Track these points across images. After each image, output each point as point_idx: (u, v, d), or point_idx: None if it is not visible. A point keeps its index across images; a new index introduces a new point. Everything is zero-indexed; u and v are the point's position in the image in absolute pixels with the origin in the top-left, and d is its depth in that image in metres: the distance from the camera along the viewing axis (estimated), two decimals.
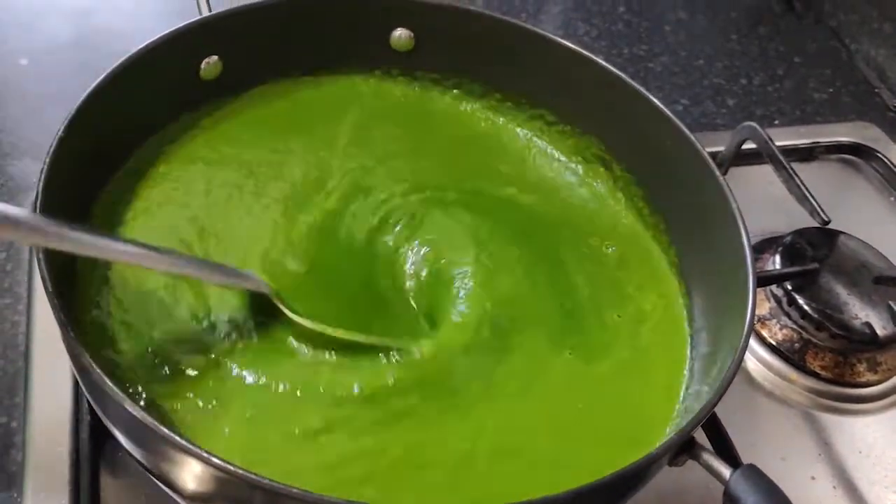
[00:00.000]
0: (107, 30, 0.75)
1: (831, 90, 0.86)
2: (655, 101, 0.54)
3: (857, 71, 0.89)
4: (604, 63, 0.56)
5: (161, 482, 0.41)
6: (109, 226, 0.49)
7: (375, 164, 0.56)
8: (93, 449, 0.49)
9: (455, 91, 0.61)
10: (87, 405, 0.50)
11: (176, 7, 0.76)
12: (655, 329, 0.52)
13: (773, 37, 0.91)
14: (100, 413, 0.42)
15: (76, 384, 0.51)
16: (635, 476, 0.39)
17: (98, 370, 0.35)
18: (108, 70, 0.47)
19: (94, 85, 0.46)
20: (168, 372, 0.43)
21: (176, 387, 0.42)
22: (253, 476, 0.34)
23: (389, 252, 0.52)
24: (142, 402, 0.42)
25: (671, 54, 0.86)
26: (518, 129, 0.61)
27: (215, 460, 0.34)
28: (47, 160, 0.43)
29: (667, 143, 0.54)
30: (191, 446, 0.35)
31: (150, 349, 0.44)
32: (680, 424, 0.44)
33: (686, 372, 0.50)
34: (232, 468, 0.34)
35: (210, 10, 0.54)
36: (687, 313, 0.53)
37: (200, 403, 0.42)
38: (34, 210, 0.41)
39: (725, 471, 0.38)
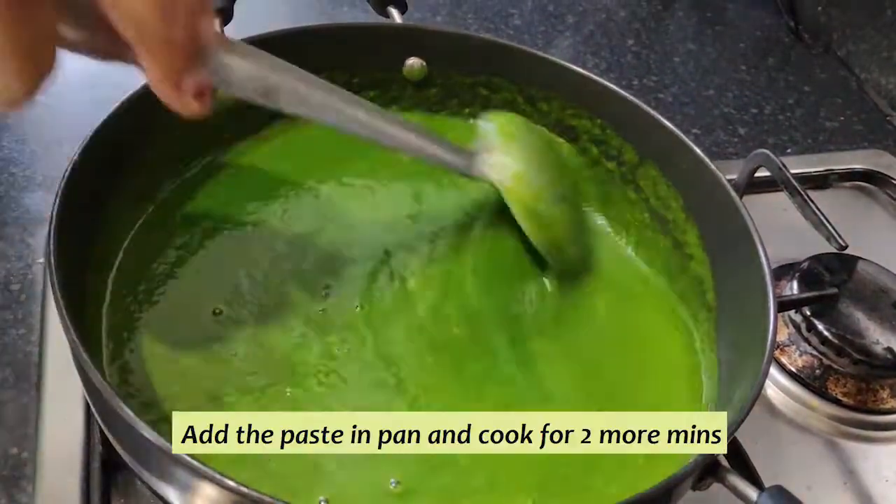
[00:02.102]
0: (124, 69, 0.76)
1: (842, 118, 0.86)
2: (671, 126, 0.55)
3: (868, 99, 0.89)
4: (622, 91, 0.57)
5: None
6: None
7: None
8: (104, 481, 0.48)
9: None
10: (98, 436, 0.49)
11: None
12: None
13: (782, 67, 0.91)
14: (112, 440, 0.42)
15: (88, 415, 0.51)
16: (658, 500, 0.38)
17: (110, 389, 0.35)
18: (126, 96, 0.47)
19: (110, 112, 0.47)
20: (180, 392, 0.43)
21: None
22: (278, 502, 0.33)
23: None
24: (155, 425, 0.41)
25: (681, 85, 0.86)
26: None
27: (232, 484, 0.33)
28: (62, 184, 0.43)
29: (682, 167, 0.54)
30: (206, 469, 0.34)
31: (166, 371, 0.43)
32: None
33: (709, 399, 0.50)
34: (257, 494, 0.33)
35: None
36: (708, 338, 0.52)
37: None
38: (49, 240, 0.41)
39: (752, 493, 0.37)
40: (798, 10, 0.96)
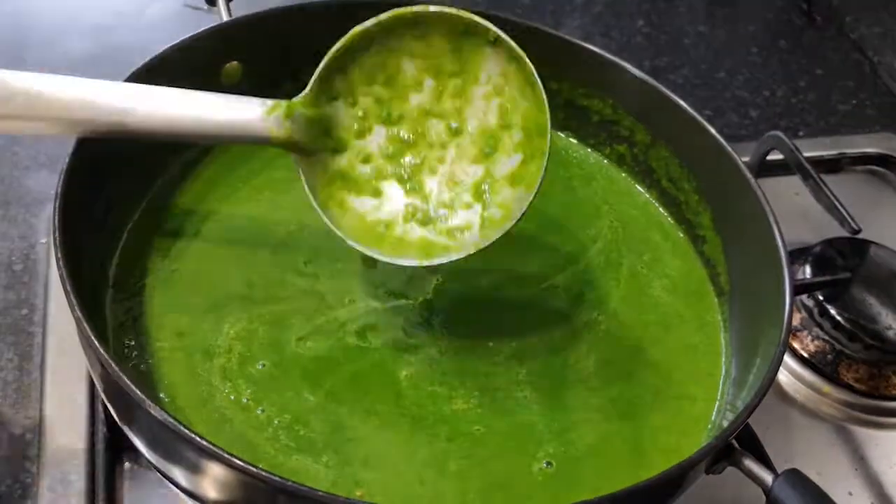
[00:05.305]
0: (126, 46, 0.75)
1: (855, 102, 0.85)
2: (686, 105, 0.54)
3: (881, 83, 0.88)
4: (637, 71, 0.56)
5: (181, 490, 0.40)
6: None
7: None
8: (109, 461, 0.48)
9: None
10: (103, 416, 0.49)
11: (196, 23, 0.76)
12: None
13: (794, 49, 0.90)
14: (117, 419, 0.41)
15: (92, 396, 0.50)
16: (672, 482, 0.38)
17: (116, 368, 0.34)
18: (127, 77, 0.46)
19: None
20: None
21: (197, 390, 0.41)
22: (288, 482, 0.33)
23: None
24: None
25: (692, 67, 0.85)
26: None
27: (240, 463, 0.33)
28: (66, 162, 0.42)
29: (696, 147, 0.53)
30: (214, 448, 0.33)
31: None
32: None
33: (721, 383, 0.49)
34: (261, 472, 0.33)
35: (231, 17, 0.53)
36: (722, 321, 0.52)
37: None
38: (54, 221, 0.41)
39: (768, 476, 0.37)
40: None
